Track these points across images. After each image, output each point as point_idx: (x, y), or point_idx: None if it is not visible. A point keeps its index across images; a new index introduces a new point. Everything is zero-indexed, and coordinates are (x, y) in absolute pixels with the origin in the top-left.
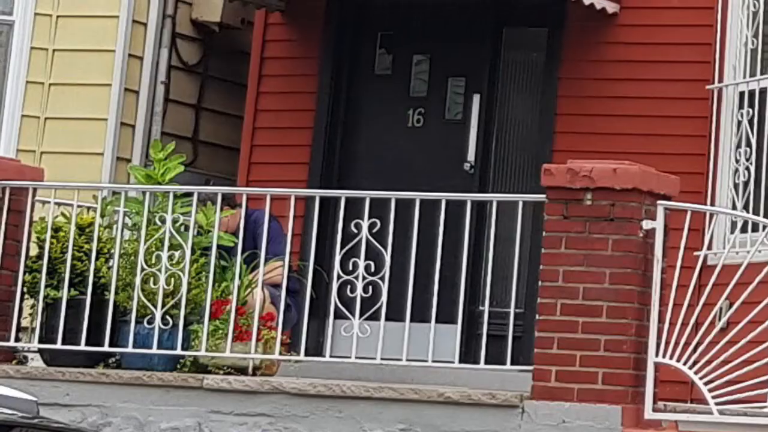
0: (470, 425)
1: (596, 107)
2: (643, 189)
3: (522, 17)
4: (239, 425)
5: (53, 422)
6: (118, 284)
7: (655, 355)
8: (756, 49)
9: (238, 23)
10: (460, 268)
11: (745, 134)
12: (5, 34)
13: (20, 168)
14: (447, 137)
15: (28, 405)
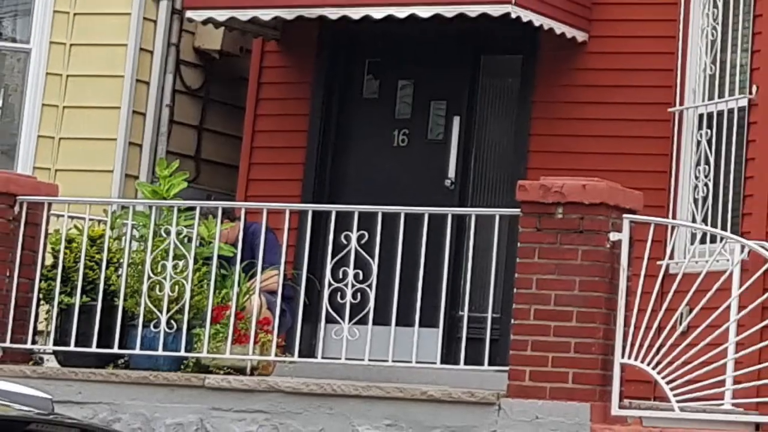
0: (451, 421)
1: (567, 128)
2: (610, 203)
3: (498, 46)
4: (238, 421)
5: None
6: (126, 291)
7: (621, 357)
8: (714, 74)
9: (237, 51)
10: (442, 276)
11: (703, 153)
12: (23, 61)
13: (36, 184)
14: (429, 156)
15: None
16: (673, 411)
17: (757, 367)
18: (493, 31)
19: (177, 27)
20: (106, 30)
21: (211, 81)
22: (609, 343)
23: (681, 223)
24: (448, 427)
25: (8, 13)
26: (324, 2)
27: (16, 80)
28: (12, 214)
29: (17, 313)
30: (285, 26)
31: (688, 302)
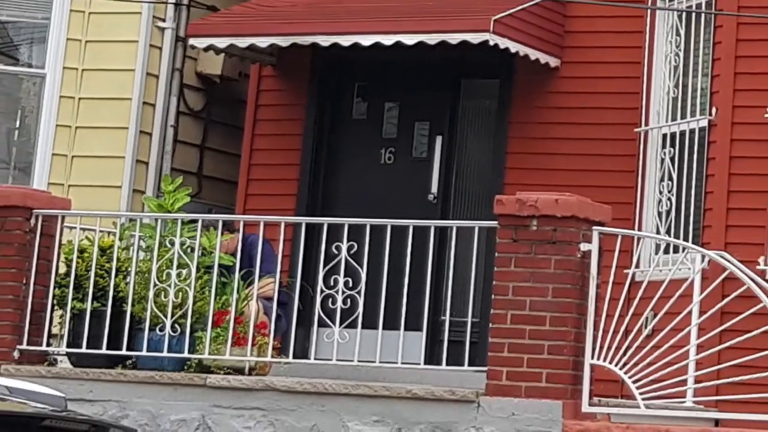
0: (434, 418)
1: (541, 147)
2: (580, 216)
3: (477, 71)
4: (237, 418)
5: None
6: (134, 297)
7: (591, 358)
8: (677, 97)
9: (236, 75)
10: (425, 283)
11: (667, 170)
12: (38, 85)
13: (51, 199)
14: (414, 173)
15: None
16: (638, 408)
17: (716, 367)
18: (473, 57)
19: (181, 53)
20: (115, 56)
21: (212, 103)
22: (580, 345)
23: (646, 235)
24: (431, 423)
25: (25, 40)
26: (316, 30)
27: (32, 103)
28: (28, 226)
29: (33, 318)
30: (280, 53)
31: (652, 308)
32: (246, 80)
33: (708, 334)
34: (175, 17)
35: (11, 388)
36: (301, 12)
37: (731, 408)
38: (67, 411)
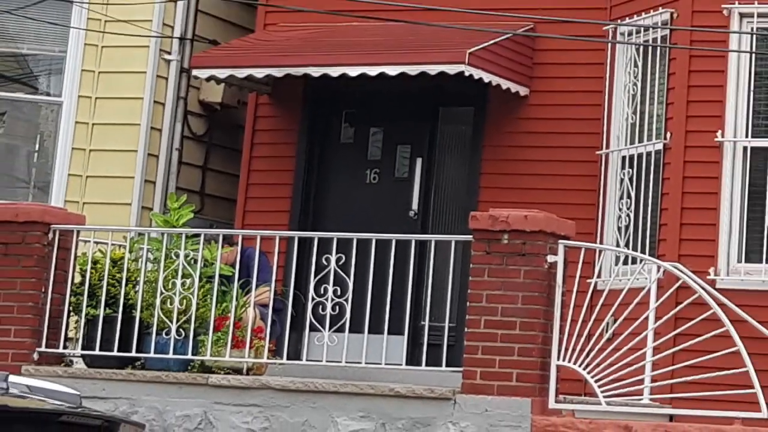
0: (414, 414)
1: (512, 168)
2: (547, 231)
3: (454, 99)
4: (236, 413)
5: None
6: (142, 304)
7: (557, 359)
8: (635, 123)
9: (235, 103)
10: (406, 291)
11: (626, 189)
12: (56, 112)
13: (67, 215)
14: (396, 192)
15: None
16: (600, 405)
17: (670, 368)
18: (450, 87)
19: (185, 83)
20: (126, 86)
21: (214, 128)
22: (547, 348)
23: (607, 248)
24: (412, 418)
25: (43, 71)
26: (307, 62)
27: (50, 128)
28: (47, 240)
29: (51, 323)
30: (275, 82)
31: (612, 314)
32: (244, 107)
33: (663, 337)
34: (180, 50)
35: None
36: (294, 45)
37: (684, 405)
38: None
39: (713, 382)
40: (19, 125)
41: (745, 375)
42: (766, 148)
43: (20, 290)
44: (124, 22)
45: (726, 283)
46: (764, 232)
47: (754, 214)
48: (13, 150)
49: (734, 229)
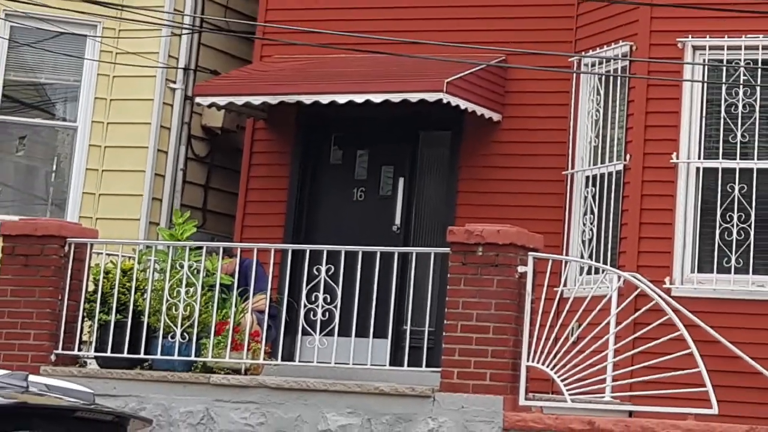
0: (397, 410)
1: (486, 187)
2: (518, 244)
3: (433, 124)
4: (235, 410)
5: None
6: (150, 311)
7: (527, 361)
8: (597, 146)
9: (234, 128)
10: (390, 299)
11: (589, 206)
12: (71, 136)
13: (81, 229)
14: (381, 208)
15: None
16: (566, 402)
17: (630, 368)
18: (429, 113)
19: (188, 109)
20: (135, 112)
21: (215, 151)
22: (517, 350)
23: (572, 259)
24: (395, 414)
25: (60, 99)
26: (300, 90)
27: (66, 150)
28: (63, 252)
29: (67, 328)
30: (270, 109)
31: (577, 319)
32: (242, 132)
33: (623, 341)
34: (184, 80)
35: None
36: (288, 75)
37: (643, 402)
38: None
39: (669, 382)
40: (37, 148)
41: (697, 375)
42: (716, 168)
43: (39, 298)
44: (133, 54)
45: (680, 292)
46: (715, 245)
47: (705, 229)
48: (33, 170)
49: (688, 243)
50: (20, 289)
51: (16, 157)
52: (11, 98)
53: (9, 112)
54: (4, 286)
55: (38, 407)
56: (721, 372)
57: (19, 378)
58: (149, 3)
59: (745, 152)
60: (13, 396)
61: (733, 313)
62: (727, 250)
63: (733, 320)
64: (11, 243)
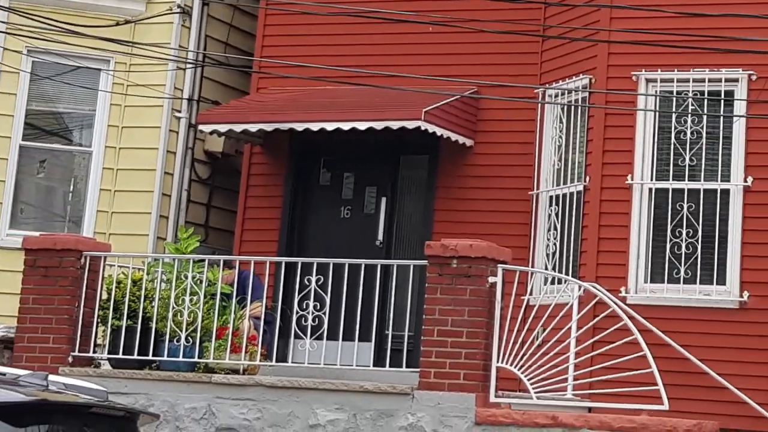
0: (379, 406)
1: (460, 205)
2: (488, 257)
3: (412, 149)
4: (234, 406)
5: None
6: (157, 317)
7: (497, 362)
8: (560, 168)
9: (234, 152)
10: (373, 306)
11: (553, 223)
12: (86, 159)
13: (96, 244)
14: (365, 225)
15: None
16: (531, 399)
17: (589, 369)
18: (409, 138)
19: (192, 136)
20: (144, 138)
21: (216, 173)
22: (488, 352)
23: (537, 270)
24: (378, 410)
25: (77, 126)
26: (292, 119)
27: (82, 173)
28: (79, 264)
29: (83, 332)
30: (266, 135)
31: (542, 324)
32: (241, 156)
33: (583, 344)
34: (188, 109)
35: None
36: (282, 105)
37: (601, 399)
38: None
39: (624, 381)
40: (56, 170)
41: (650, 375)
42: (667, 189)
43: (57, 305)
44: (142, 86)
45: (635, 300)
46: (666, 258)
47: (657, 243)
48: (52, 191)
49: (641, 256)
50: (41, 298)
51: (37, 179)
52: (33, 126)
53: (31, 138)
54: (26, 294)
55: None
56: (672, 372)
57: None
58: (157, 40)
59: (693, 174)
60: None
61: (682, 319)
62: (677, 262)
63: (682, 325)
64: (33, 256)
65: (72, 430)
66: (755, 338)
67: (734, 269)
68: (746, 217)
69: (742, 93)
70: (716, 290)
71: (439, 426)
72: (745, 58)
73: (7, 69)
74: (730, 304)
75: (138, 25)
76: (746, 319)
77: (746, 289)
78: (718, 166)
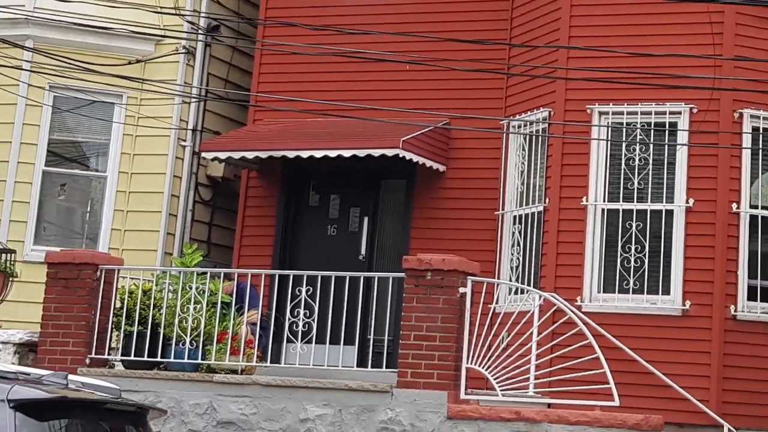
0: (362, 402)
1: (434, 224)
2: (459, 270)
3: (391, 174)
4: (233, 402)
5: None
6: (165, 323)
7: (466, 363)
8: (523, 191)
9: (233, 177)
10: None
11: (516, 239)
12: (102, 183)
13: (110, 258)
14: (350, 241)
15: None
16: (497, 396)
17: (548, 369)
18: (388, 164)
19: (196, 162)
20: (153, 164)
21: (217, 195)
22: (459, 354)
23: (502, 282)
24: (360, 405)
25: (93, 153)
26: (285, 147)
27: (98, 195)
28: (95, 276)
29: (98, 337)
30: (261, 162)
31: (507, 330)
32: (239, 180)
33: (543, 347)
34: (192, 139)
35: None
36: (275, 135)
37: (559, 396)
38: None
39: (580, 380)
40: (75, 193)
41: (602, 375)
42: (618, 209)
43: (76, 313)
44: (151, 118)
45: (589, 308)
46: (617, 270)
47: (609, 258)
48: (71, 211)
49: (595, 269)
50: (61, 306)
51: (58, 201)
52: (54, 153)
53: (52, 164)
54: (48, 303)
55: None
56: (622, 372)
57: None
58: (165, 77)
59: (641, 196)
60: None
61: (631, 325)
62: (627, 274)
63: (631, 331)
64: (54, 269)
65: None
66: (696, 342)
67: (677, 281)
68: (688, 235)
69: (685, 124)
70: (661, 299)
71: (415, 420)
72: (687, 93)
73: (32, 103)
74: (674, 311)
75: (148, 63)
76: (688, 326)
77: (688, 299)
78: (663, 189)
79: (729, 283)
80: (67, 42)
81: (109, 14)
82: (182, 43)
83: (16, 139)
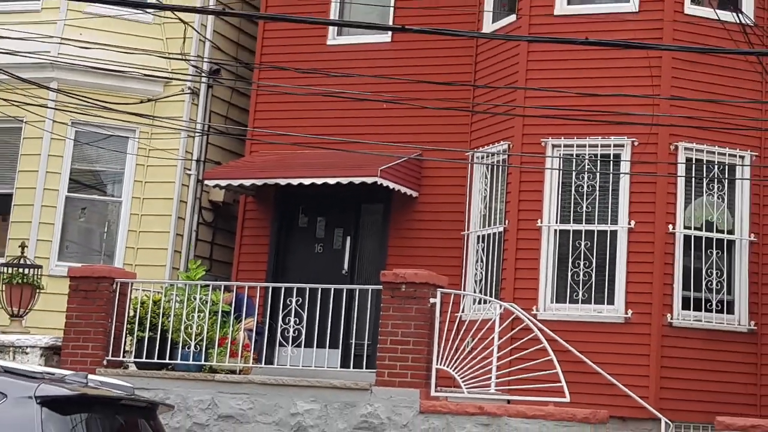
0: (345, 399)
1: (409, 243)
2: (430, 283)
3: (371, 198)
4: (232, 399)
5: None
6: (172, 329)
7: (436, 364)
8: (486, 214)
9: (232, 201)
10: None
11: (480, 256)
12: (117, 207)
13: (125, 272)
14: (334, 258)
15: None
16: (463, 393)
17: (508, 370)
18: (368, 190)
19: (199, 189)
20: (162, 191)
21: (218, 218)
22: (430, 357)
23: (467, 293)
24: (344, 401)
25: (110, 181)
26: (277, 175)
27: (114, 217)
28: (112, 288)
29: (114, 341)
30: (257, 188)
31: (471, 335)
32: (237, 204)
33: (503, 350)
34: (197, 168)
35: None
36: (269, 165)
37: (517, 393)
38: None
39: (535, 379)
40: (94, 216)
41: (555, 374)
42: (568, 230)
43: (95, 320)
44: (161, 150)
45: (544, 316)
46: (568, 283)
47: (561, 272)
48: (90, 231)
49: (549, 282)
50: (82, 314)
51: (79, 222)
52: (76, 181)
53: (74, 190)
54: (70, 312)
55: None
56: (572, 372)
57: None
58: (172, 114)
59: (589, 218)
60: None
61: (581, 331)
62: (576, 287)
63: (581, 336)
64: (75, 282)
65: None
66: (637, 346)
67: (620, 292)
68: (630, 252)
69: (627, 155)
70: (607, 309)
71: (391, 414)
72: (629, 129)
73: (56, 137)
74: (618, 319)
75: (157, 102)
76: (630, 332)
77: (630, 308)
78: (608, 213)
79: (666, 295)
80: (87, 83)
81: (124, 59)
82: (188, 84)
83: (42, 168)
